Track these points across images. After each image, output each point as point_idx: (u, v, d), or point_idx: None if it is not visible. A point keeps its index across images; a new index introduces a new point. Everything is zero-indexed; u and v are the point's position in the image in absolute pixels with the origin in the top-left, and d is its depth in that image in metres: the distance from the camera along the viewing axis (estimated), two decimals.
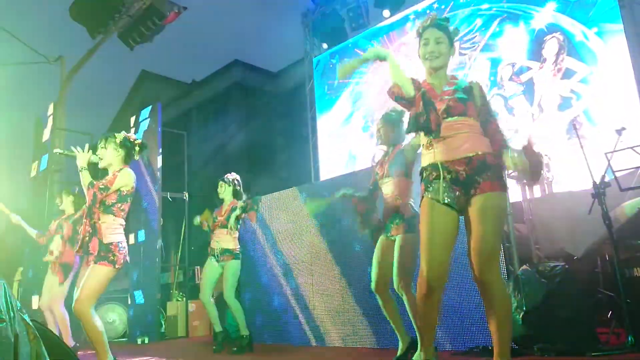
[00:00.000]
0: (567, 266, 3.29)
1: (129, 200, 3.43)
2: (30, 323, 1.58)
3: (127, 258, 3.35)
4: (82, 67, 8.37)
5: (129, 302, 6.70)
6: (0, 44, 8.54)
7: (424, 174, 2.33)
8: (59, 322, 4.64)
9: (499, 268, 2.23)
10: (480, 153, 2.22)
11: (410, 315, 3.13)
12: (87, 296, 3.14)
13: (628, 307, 2.98)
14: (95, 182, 3.31)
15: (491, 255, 2.17)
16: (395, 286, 3.16)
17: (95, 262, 3.20)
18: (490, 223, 2.17)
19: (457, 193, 2.22)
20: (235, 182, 4.93)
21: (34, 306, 5.67)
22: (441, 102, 2.31)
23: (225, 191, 4.91)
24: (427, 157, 2.33)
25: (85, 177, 3.37)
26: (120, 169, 3.42)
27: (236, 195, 4.88)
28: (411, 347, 3.25)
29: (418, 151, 3.18)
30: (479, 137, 2.27)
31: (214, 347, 4.68)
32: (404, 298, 3.14)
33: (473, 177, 2.20)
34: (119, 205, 3.36)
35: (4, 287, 1.55)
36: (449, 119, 2.27)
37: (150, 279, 6.57)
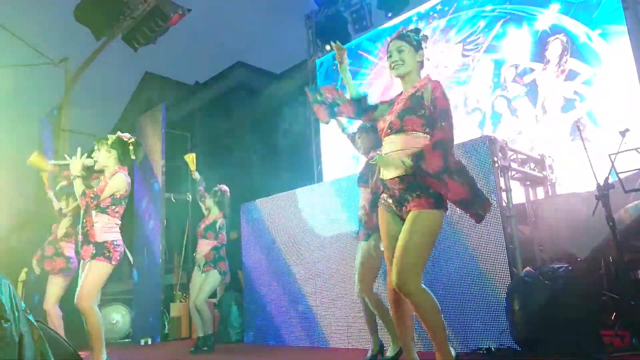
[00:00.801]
0: (570, 268, 3.28)
1: (123, 203, 3.53)
2: (35, 323, 1.59)
3: (130, 257, 3.44)
4: (86, 69, 8.41)
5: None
6: (6, 45, 8.58)
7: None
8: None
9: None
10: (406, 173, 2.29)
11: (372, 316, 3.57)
12: (87, 292, 3.26)
13: (632, 309, 2.97)
14: (87, 191, 3.38)
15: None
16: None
17: (92, 258, 3.32)
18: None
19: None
20: (218, 193, 5.17)
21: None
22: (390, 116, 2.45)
23: (209, 202, 5.20)
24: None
25: (78, 186, 3.41)
26: (113, 175, 3.47)
27: (220, 206, 5.17)
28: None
29: None
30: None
31: (192, 350, 4.95)
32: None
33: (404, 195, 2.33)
34: (113, 207, 3.46)
35: (9, 288, 1.56)
36: (391, 135, 2.40)
37: (153, 280, 6.58)
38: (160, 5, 6.86)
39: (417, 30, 2.56)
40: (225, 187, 5.27)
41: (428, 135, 2.33)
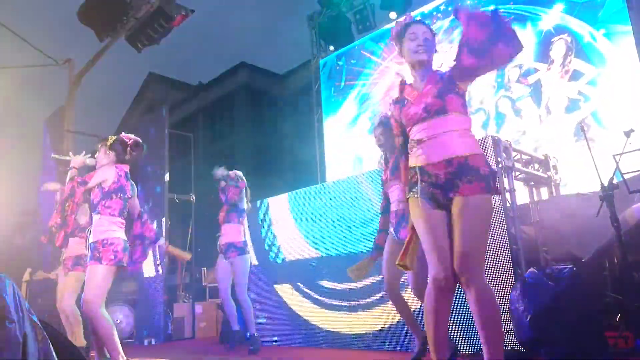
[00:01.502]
0: (574, 269, 3.27)
1: (113, 197, 3.34)
2: (39, 324, 1.60)
3: (120, 255, 3.30)
4: (90, 70, 8.43)
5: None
6: (9, 46, 8.62)
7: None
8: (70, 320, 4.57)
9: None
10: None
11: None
12: (90, 297, 3.18)
13: (637, 311, 2.95)
14: (75, 177, 3.36)
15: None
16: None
17: (87, 263, 3.27)
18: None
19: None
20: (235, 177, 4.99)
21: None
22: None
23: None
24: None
25: (70, 174, 3.42)
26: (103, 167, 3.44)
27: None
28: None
29: None
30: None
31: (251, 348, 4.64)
32: None
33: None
34: (103, 202, 3.31)
35: (13, 288, 1.56)
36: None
37: (157, 281, 6.60)
38: (163, 6, 6.87)
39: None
40: (238, 172, 5.12)
41: (467, 116, 2.28)
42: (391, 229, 3.36)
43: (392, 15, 8.51)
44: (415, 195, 2.24)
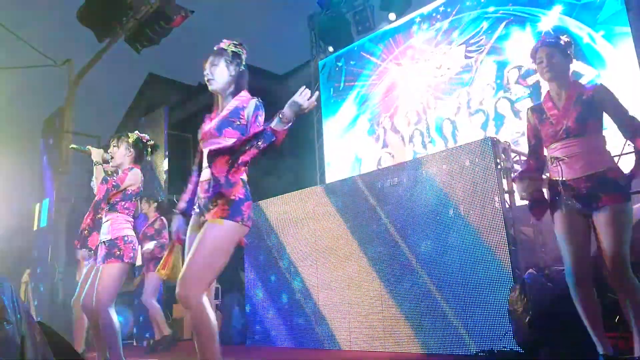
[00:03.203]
0: None
1: (133, 200, 3.46)
2: (37, 325, 1.59)
3: (136, 254, 3.38)
4: (89, 71, 8.43)
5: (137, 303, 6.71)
6: (9, 47, 8.62)
7: None
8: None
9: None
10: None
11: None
12: (103, 296, 3.18)
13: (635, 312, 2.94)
14: (109, 178, 3.38)
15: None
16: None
17: (103, 262, 3.23)
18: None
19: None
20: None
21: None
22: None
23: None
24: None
25: (99, 171, 3.45)
26: (131, 168, 3.45)
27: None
28: None
29: None
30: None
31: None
32: None
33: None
34: (123, 203, 3.39)
35: (11, 289, 1.56)
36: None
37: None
38: (163, 6, 6.87)
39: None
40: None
41: (603, 135, 2.51)
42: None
43: (392, 16, 8.50)
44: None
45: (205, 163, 2.34)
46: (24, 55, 8.62)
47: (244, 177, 2.30)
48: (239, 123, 2.33)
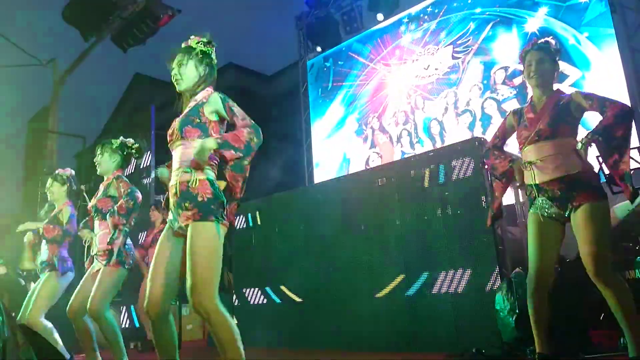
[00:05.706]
0: (559, 269, 3.30)
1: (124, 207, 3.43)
2: (20, 329, 1.57)
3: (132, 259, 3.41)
4: (75, 70, 8.34)
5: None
6: None
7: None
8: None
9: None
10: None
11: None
12: (101, 299, 3.17)
13: None
14: (115, 208, 3.37)
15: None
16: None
17: (105, 265, 3.25)
18: None
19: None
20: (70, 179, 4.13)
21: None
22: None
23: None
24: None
25: (97, 225, 3.54)
26: (120, 183, 3.44)
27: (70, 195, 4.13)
28: None
29: None
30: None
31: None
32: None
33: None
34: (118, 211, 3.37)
35: None
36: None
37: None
38: (149, 6, 6.82)
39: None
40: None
41: (575, 139, 2.53)
42: None
43: (380, 16, 8.53)
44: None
45: (174, 165, 2.29)
46: (8, 55, 8.50)
47: (211, 176, 2.24)
48: (198, 121, 2.25)
